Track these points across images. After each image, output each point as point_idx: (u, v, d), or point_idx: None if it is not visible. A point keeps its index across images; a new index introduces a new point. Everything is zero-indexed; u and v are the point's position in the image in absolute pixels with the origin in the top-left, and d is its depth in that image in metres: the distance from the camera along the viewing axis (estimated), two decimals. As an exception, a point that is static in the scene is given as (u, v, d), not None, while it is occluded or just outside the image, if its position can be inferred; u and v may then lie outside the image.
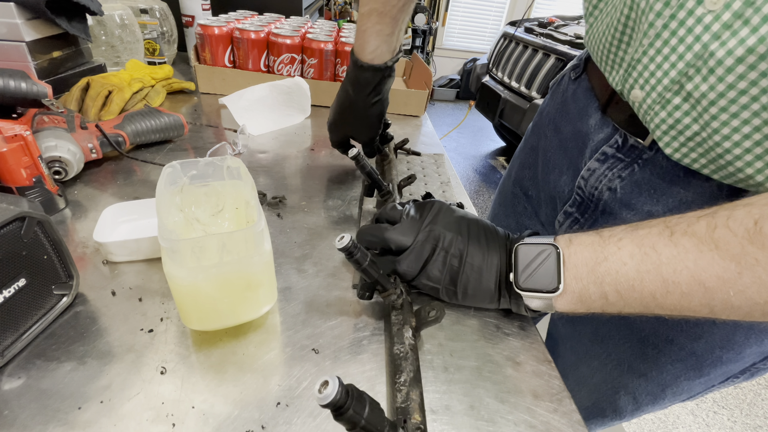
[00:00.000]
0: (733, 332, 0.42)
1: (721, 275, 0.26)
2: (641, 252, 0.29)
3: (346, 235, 0.32)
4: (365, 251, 0.33)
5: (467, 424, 0.30)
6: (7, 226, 0.29)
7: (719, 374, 0.46)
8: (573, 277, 0.32)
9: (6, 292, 0.30)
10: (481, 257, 0.36)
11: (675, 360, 0.46)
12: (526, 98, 2.25)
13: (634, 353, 0.48)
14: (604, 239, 0.32)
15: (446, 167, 0.71)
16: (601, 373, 0.53)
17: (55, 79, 0.71)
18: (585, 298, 0.32)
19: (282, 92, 0.80)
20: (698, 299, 0.28)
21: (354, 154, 0.47)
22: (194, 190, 0.39)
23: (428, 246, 0.37)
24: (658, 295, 0.29)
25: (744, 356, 0.44)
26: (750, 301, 0.26)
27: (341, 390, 0.21)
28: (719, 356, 0.44)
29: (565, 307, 0.33)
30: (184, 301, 0.32)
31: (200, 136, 0.71)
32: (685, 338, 0.44)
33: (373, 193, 0.54)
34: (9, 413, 0.27)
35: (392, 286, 0.36)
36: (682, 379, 0.47)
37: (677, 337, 0.44)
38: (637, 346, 0.48)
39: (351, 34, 0.95)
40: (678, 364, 0.46)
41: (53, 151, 0.48)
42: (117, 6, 0.87)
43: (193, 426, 0.28)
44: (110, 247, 0.40)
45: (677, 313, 0.30)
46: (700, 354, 0.44)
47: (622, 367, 0.50)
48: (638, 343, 0.47)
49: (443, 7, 4.17)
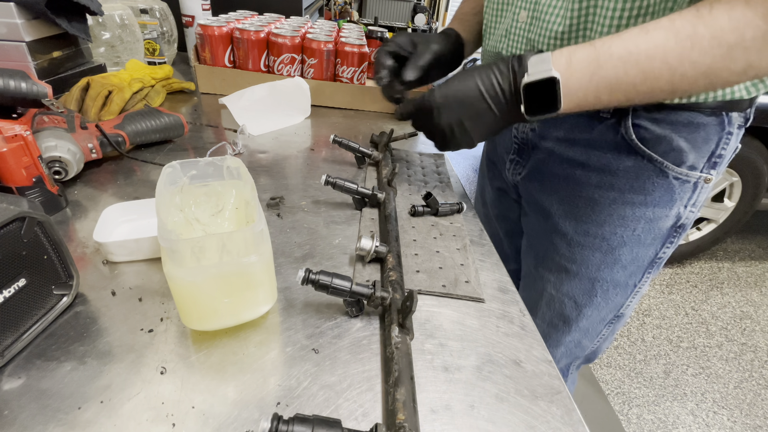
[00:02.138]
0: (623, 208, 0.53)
1: (680, 53, 0.36)
2: (627, 53, 0.38)
3: (301, 270, 0.34)
4: (327, 273, 0.35)
5: (467, 424, 0.30)
6: (7, 226, 0.29)
7: (630, 259, 0.56)
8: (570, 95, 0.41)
9: (6, 292, 0.30)
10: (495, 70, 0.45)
11: (594, 250, 0.57)
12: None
13: (566, 256, 0.59)
14: (597, 50, 0.40)
15: (446, 167, 0.71)
16: (550, 286, 0.64)
17: (55, 79, 0.71)
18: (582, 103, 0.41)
19: (282, 92, 0.80)
20: (665, 78, 0.37)
21: (324, 180, 0.51)
22: (194, 190, 0.39)
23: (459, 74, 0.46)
24: (638, 82, 0.38)
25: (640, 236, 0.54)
26: (698, 68, 0.36)
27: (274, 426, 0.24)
28: (621, 236, 0.55)
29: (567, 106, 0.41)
30: (184, 301, 0.32)
31: (200, 136, 0.71)
32: (594, 227, 0.55)
33: (364, 205, 0.55)
34: (9, 413, 0.27)
35: (371, 290, 0.36)
36: (603, 268, 0.58)
37: (590, 228, 0.56)
38: (567, 248, 0.59)
39: (351, 34, 0.95)
40: (597, 253, 0.57)
41: (53, 151, 0.48)
42: (117, 6, 0.87)
43: (193, 426, 0.28)
44: (110, 247, 0.40)
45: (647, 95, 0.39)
46: (608, 237, 0.55)
47: (560, 273, 0.61)
48: (566, 244, 0.59)
49: (443, 7, 4.17)
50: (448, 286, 0.42)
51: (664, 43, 0.37)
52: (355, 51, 0.87)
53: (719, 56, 0.36)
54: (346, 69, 0.89)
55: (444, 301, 0.41)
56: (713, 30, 0.35)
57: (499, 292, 0.44)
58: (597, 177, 0.53)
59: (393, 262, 0.42)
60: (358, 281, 0.36)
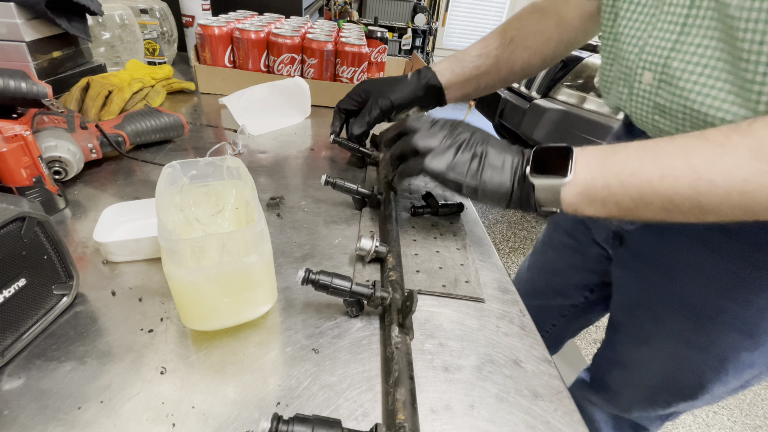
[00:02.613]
0: None
1: (708, 157, 0.31)
2: (644, 147, 0.35)
3: (301, 270, 0.34)
4: (327, 273, 0.35)
5: (467, 424, 0.30)
6: (7, 226, 0.29)
7: None
8: (582, 166, 0.36)
9: (6, 292, 0.30)
10: (499, 157, 0.41)
11: (729, 329, 0.47)
12: (526, 98, 2.25)
13: (691, 327, 0.50)
14: (613, 145, 0.37)
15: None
16: (661, 353, 0.55)
17: (55, 79, 0.71)
18: (590, 188, 0.36)
19: (282, 92, 0.80)
20: (687, 181, 0.32)
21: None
22: (194, 190, 0.39)
23: (454, 146, 0.41)
24: (655, 179, 0.33)
25: None
26: (729, 179, 0.30)
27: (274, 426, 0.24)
28: None
29: (572, 198, 0.37)
30: (184, 301, 0.32)
31: (200, 136, 0.71)
32: (735, 305, 0.46)
33: (364, 205, 0.55)
34: (9, 413, 0.27)
35: (371, 290, 0.36)
36: (740, 350, 0.48)
37: (728, 306, 0.46)
38: (693, 319, 0.50)
39: (351, 34, 0.95)
40: (733, 333, 0.47)
41: (53, 151, 0.48)
42: (117, 6, 0.87)
43: (193, 426, 0.28)
44: (110, 247, 0.40)
45: (667, 200, 0.33)
46: (751, 320, 0.46)
47: (680, 343, 0.52)
48: (694, 317, 0.49)
49: (443, 7, 4.17)
50: (448, 286, 0.42)
51: (686, 142, 0.33)
52: (355, 51, 0.87)
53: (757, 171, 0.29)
54: (346, 69, 0.89)
55: (444, 301, 0.41)
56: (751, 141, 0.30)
57: (499, 292, 0.44)
58: (745, 250, 0.43)
59: (393, 262, 0.42)
60: (358, 281, 0.36)
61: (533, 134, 2.16)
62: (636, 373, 0.60)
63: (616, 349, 0.62)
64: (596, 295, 0.70)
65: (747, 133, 0.30)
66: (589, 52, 2.02)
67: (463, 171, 0.40)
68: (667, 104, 0.42)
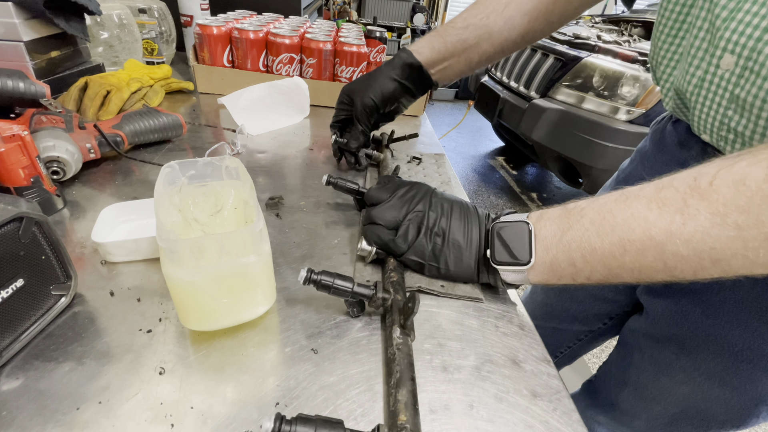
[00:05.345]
0: None
1: (668, 228, 0.29)
2: (600, 217, 0.32)
3: (303, 270, 0.34)
4: (329, 273, 0.35)
5: (466, 424, 0.30)
6: (5, 226, 0.29)
7: None
8: (543, 249, 0.35)
9: (4, 292, 0.30)
10: (462, 236, 0.39)
11: (765, 370, 0.45)
12: (524, 98, 2.25)
13: (726, 367, 0.47)
14: (568, 211, 0.35)
15: (446, 167, 0.71)
16: (687, 386, 0.52)
17: (53, 79, 0.70)
18: (555, 267, 0.35)
19: (281, 92, 0.80)
20: (652, 254, 0.30)
21: (325, 180, 0.50)
22: (193, 190, 0.39)
23: (414, 226, 0.40)
24: (617, 254, 0.31)
25: None
26: (696, 249, 0.28)
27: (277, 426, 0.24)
28: None
29: (538, 278, 0.36)
30: (182, 301, 0.32)
31: (199, 136, 0.71)
32: None
33: (364, 206, 0.55)
34: (7, 414, 0.27)
35: (372, 291, 0.36)
36: None
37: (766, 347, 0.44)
38: (730, 360, 0.47)
39: (350, 34, 0.95)
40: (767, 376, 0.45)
41: (51, 151, 0.48)
42: (115, 5, 0.86)
43: (192, 426, 0.28)
44: (108, 248, 0.40)
45: (637, 272, 0.31)
46: None
47: (712, 381, 0.49)
48: (731, 357, 0.46)
49: (442, 7, 4.17)
50: (446, 286, 0.42)
51: (641, 211, 0.30)
52: (354, 51, 0.87)
53: (725, 238, 0.27)
54: (345, 69, 0.89)
55: (443, 301, 0.41)
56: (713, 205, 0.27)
57: (498, 292, 0.44)
58: None
59: (394, 263, 0.42)
60: (358, 281, 0.36)
61: (532, 134, 2.16)
62: (652, 399, 0.56)
63: (629, 372, 0.58)
64: (615, 321, 0.66)
65: (707, 194, 0.27)
66: (588, 52, 2.02)
67: (423, 253, 0.40)
68: (749, 98, 0.34)
